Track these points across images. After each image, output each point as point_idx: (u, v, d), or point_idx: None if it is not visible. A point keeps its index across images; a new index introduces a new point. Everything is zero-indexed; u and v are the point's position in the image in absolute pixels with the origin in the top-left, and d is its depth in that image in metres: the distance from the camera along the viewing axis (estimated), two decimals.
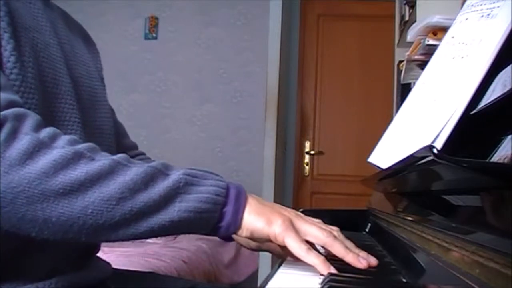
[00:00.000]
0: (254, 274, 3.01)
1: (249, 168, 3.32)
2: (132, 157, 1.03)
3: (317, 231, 0.67)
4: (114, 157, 0.62)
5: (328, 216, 0.83)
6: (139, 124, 3.41)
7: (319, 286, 0.60)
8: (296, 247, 0.64)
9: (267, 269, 2.99)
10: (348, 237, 0.71)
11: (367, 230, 1.07)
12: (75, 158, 0.58)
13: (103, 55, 1.03)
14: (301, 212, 1.02)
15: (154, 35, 3.49)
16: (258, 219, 0.66)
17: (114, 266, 0.91)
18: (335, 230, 0.71)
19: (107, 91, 0.98)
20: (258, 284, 0.62)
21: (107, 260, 0.90)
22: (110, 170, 0.60)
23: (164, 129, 3.44)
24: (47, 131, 0.60)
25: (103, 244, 0.89)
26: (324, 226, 0.70)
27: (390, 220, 0.83)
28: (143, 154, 1.07)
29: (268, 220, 0.65)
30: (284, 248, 0.67)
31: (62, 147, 0.59)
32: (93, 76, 0.89)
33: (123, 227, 0.60)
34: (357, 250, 0.68)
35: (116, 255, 1.93)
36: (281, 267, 0.71)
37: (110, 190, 0.58)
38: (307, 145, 3.55)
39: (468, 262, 0.42)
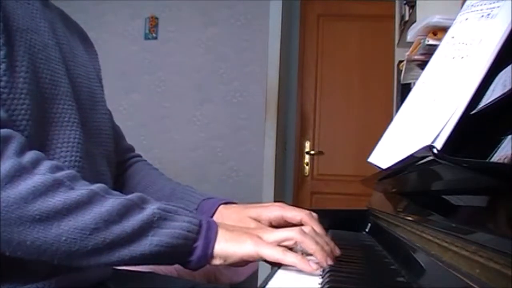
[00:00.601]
0: (254, 274, 3.00)
1: (249, 168, 3.32)
2: (129, 159, 1.04)
3: (286, 232, 0.69)
4: (93, 187, 0.63)
5: (328, 216, 0.83)
6: (139, 124, 3.41)
7: (319, 286, 0.60)
8: (273, 253, 0.66)
9: (267, 269, 2.98)
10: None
11: (367, 230, 1.07)
12: (55, 186, 0.60)
13: (103, 55, 1.03)
14: None
15: (154, 35, 3.49)
16: (228, 245, 0.67)
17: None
18: (291, 240, 0.71)
19: (106, 91, 0.98)
20: (258, 284, 0.63)
21: None
22: (87, 201, 0.61)
23: (164, 129, 3.44)
24: (30, 156, 0.61)
25: None
26: (296, 212, 0.73)
27: (390, 220, 0.83)
28: (139, 156, 1.07)
29: (237, 242, 0.68)
30: (266, 261, 0.69)
31: (43, 173, 0.60)
32: (92, 77, 0.89)
33: (95, 256, 0.62)
34: (326, 240, 0.72)
35: None
36: (281, 267, 0.71)
37: (85, 220, 0.60)
38: (307, 145, 3.55)
39: (468, 262, 0.42)
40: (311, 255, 0.69)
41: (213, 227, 0.69)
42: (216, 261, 0.68)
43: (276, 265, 0.72)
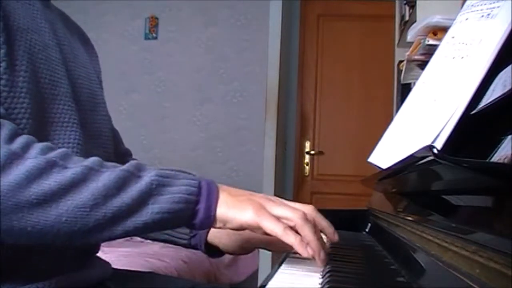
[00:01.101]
0: (254, 274, 3.01)
1: (249, 168, 3.32)
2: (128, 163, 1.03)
3: (288, 212, 0.67)
4: (86, 162, 0.62)
5: (328, 216, 0.83)
6: (139, 124, 3.41)
7: (319, 286, 0.60)
8: (273, 227, 0.64)
9: (267, 269, 2.99)
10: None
11: (367, 230, 1.07)
12: (48, 168, 0.59)
13: (103, 55, 1.03)
14: None
15: (154, 35, 3.49)
16: (229, 210, 0.66)
17: (114, 266, 0.91)
18: (308, 209, 0.70)
19: (106, 91, 0.98)
20: (258, 284, 0.63)
21: (107, 260, 0.90)
22: (82, 178, 0.60)
23: (164, 129, 3.44)
24: (19, 141, 0.60)
25: (103, 244, 0.89)
26: (298, 205, 0.70)
27: (390, 220, 0.83)
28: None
29: (239, 209, 0.66)
30: (263, 233, 0.67)
31: (34, 157, 0.59)
32: (92, 79, 0.89)
33: (97, 232, 0.61)
34: (330, 230, 0.70)
35: (116, 255, 1.93)
36: (281, 267, 0.71)
37: (83, 197, 0.59)
38: (307, 145, 3.55)
39: (468, 262, 0.42)
40: None
41: (213, 189, 0.67)
42: (216, 224, 0.66)
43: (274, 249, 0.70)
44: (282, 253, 0.81)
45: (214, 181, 0.69)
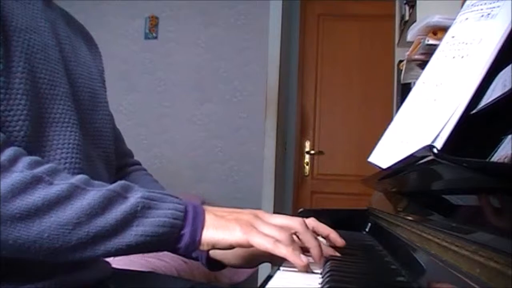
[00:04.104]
0: (254, 274, 3.01)
1: (249, 168, 3.32)
2: (130, 165, 1.03)
3: (275, 231, 0.66)
4: (73, 180, 0.62)
5: (328, 216, 0.83)
6: (139, 123, 3.41)
7: (319, 286, 0.60)
8: (264, 243, 0.64)
9: (267, 269, 2.98)
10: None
11: (367, 230, 1.07)
12: (33, 183, 0.59)
13: (103, 55, 1.02)
14: (301, 212, 1.02)
15: (154, 35, 3.49)
16: (217, 232, 0.66)
17: (114, 266, 0.91)
18: (293, 229, 0.69)
19: (107, 91, 0.98)
20: (258, 284, 0.63)
21: (107, 260, 0.90)
22: (67, 195, 0.60)
23: (164, 129, 3.44)
24: (7, 154, 0.60)
25: None
26: (288, 222, 0.69)
27: (390, 220, 0.83)
28: (139, 164, 1.06)
29: (226, 230, 0.66)
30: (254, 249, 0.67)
31: (21, 170, 0.59)
32: (94, 77, 0.89)
33: (79, 250, 0.61)
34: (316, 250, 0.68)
35: None
36: (281, 267, 0.71)
37: (67, 215, 0.59)
38: (307, 145, 3.55)
39: (468, 262, 0.42)
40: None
41: (200, 213, 0.67)
42: (204, 247, 0.66)
43: (278, 261, 0.71)
44: None
45: (200, 204, 0.70)
